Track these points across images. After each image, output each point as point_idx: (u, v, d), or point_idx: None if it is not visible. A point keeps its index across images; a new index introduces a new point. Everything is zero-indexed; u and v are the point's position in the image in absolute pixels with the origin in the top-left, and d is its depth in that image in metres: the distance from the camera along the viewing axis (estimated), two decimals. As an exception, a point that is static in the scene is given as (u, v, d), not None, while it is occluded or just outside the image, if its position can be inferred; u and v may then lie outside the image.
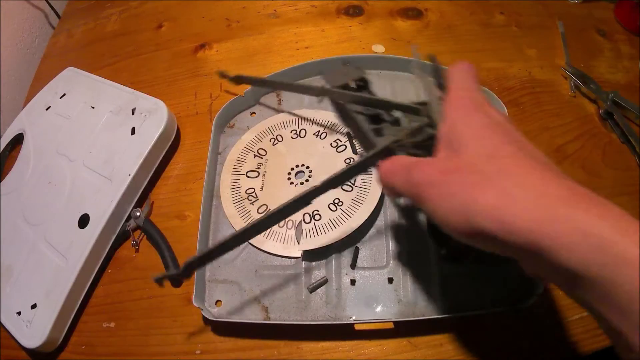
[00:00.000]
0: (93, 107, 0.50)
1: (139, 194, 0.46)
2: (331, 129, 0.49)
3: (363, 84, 0.40)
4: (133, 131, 0.47)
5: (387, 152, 0.33)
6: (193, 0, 0.65)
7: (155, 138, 0.46)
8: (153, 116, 0.47)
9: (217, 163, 0.47)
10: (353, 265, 0.41)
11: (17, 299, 0.41)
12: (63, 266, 0.41)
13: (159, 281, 0.33)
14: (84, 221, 0.43)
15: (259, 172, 0.46)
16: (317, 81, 0.52)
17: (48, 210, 0.45)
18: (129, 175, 0.44)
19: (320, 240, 0.41)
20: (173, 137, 0.49)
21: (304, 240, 0.41)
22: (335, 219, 0.42)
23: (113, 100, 0.50)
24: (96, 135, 0.48)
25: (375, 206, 0.42)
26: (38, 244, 0.43)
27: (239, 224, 0.43)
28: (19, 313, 0.40)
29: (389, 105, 0.40)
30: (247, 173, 0.46)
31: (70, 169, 0.47)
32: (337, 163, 0.46)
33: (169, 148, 0.48)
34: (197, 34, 0.61)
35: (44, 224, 0.44)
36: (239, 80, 0.48)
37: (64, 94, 0.53)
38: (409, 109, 0.41)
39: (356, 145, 0.46)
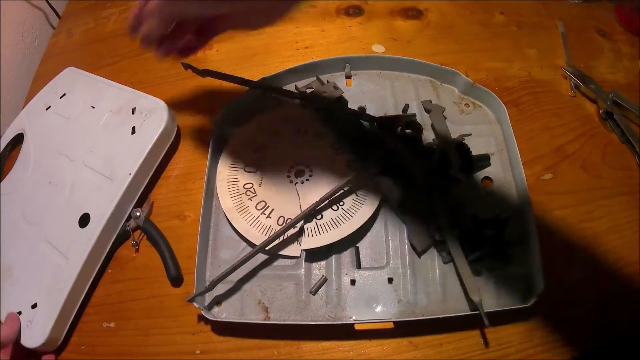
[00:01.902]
0: (93, 107, 0.50)
1: (139, 193, 0.46)
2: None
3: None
4: (133, 130, 0.47)
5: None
6: (193, 0, 0.65)
7: (155, 137, 0.46)
8: (153, 116, 0.47)
9: (218, 162, 0.47)
10: (359, 265, 0.41)
11: (17, 298, 0.41)
12: (63, 265, 0.41)
13: (191, 301, 0.38)
14: (84, 220, 0.43)
15: (257, 167, 0.46)
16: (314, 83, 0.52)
17: (48, 209, 0.45)
18: (130, 174, 0.44)
19: (322, 239, 0.41)
20: (173, 136, 0.49)
21: (305, 240, 0.41)
22: (337, 218, 0.42)
23: (113, 100, 0.50)
24: (96, 134, 0.48)
25: (376, 206, 0.42)
26: (38, 244, 0.43)
27: (236, 219, 0.43)
28: (19, 313, 0.40)
29: (366, 119, 0.43)
30: (245, 167, 0.46)
31: (70, 169, 0.47)
32: (338, 165, 0.46)
33: (169, 148, 0.48)
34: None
35: (44, 224, 0.44)
36: (206, 73, 0.48)
37: (64, 94, 0.53)
38: (384, 124, 0.43)
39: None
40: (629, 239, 0.42)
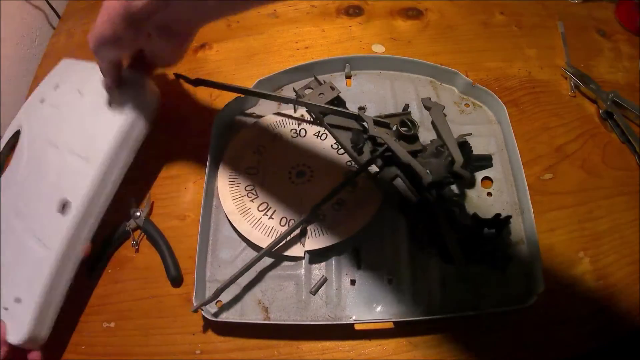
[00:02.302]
0: (81, 92, 0.47)
1: (117, 173, 0.43)
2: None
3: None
4: (113, 107, 0.44)
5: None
6: (193, 0, 0.65)
7: (133, 111, 0.43)
8: (134, 90, 0.44)
9: (218, 163, 0.47)
10: (359, 265, 0.41)
11: (3, 294, 0.39)
12: (44, 256, 0.39)
13: (196, 311, 0.38)
14: (64, 207, 0.40)
15: (258, 170, 0.46)
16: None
17: (34, 200, 0.43)
18: (105, 152, 0.41)
19: (325, 240, 0.41)
20: (155, 109, 0.46)
21: (308, 240, 0.41)
22: (339, 218, 0.42)
23: (99, 81, 0.46)
24: (81, 118, 0.46)
25: (378, 206, 0.42)
26: (24, 236, 0.41)
27: (238, 221, 0.43)
28: (6, 309, 0.38)
29: (360, 119, 0.43)
30: (246, 170, 0.46)
31: (57, 157, 0.44)
32: (339, 165, 0.46)
33: (154, 126, 0.47)
34: (197, 34, 0.61)
35: (30, 215, 0.42)
36: (198, 82, 0.47)
37: (58, 85, 0.51)
38: (380, 123, 0.43)
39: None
40: (629, 239, 0.42)
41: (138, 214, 0.45)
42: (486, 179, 0.45)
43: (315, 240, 0.41)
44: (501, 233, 0.41)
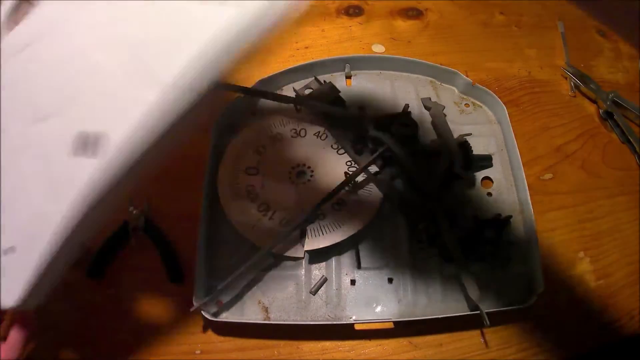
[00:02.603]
0: None
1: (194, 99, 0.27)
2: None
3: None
4: None
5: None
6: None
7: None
8: None
9: (218, 163, 0.47)
10: (359, 265, 0.41)
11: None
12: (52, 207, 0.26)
13: (196, 312, 0.38)
14: (91, 143, 0.27)
15: (258, 170, 0.46)
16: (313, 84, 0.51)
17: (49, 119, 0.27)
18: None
19: (325, 240, 0.41)
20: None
21: (308, 241, 0.41)
22: (339, 218, 0.42)
23: None
24: None
25: (378, 206, 0.42)
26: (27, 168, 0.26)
27: (238, 222, 0.43)
28: None
29: (361, 120, 0.43)
30: (246, 169, 0.46)
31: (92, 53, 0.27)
32: (339, 165, 0.46)
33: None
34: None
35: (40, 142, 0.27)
36: None
37: None
38: (380, 123, 0.43)
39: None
40: (629, 239, 0.42)
41: (138, 214, 0.45)
42: (486, 179, 0.45)
43: (315, 240, 0.41)
44: (501, 233, 0.41)
